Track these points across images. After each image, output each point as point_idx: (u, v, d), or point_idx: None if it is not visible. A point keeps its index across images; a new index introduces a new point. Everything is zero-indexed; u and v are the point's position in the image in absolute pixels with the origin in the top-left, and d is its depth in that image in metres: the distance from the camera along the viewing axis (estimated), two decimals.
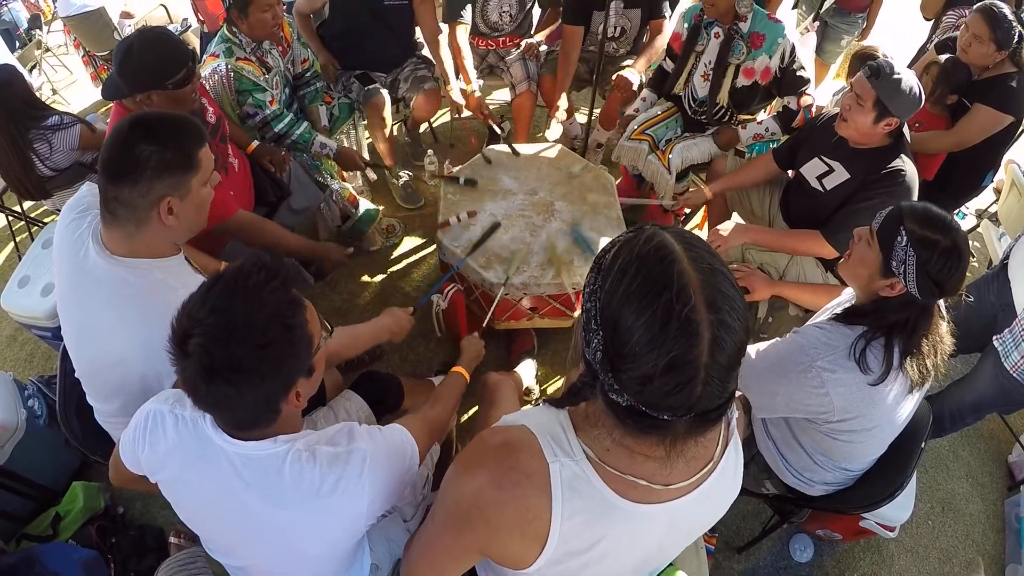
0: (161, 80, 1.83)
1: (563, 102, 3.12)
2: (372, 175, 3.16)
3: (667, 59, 2.91)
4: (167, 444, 1.16)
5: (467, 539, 1.00)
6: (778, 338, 1.64)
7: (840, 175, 2.15)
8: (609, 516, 0.92)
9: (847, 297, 1.75)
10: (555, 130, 3.87)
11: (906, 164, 2.01)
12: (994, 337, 2.15)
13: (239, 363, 1.00)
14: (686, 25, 2.72)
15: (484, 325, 2.14)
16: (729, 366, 0.79)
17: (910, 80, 1.91)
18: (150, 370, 1.38)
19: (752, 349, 1.67)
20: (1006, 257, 2.34)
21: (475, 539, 0.99)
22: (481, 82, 3.34)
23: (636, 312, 0.77)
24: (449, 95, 3.13)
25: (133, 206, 1.34)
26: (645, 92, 3.01)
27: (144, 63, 1.82)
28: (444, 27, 3.13)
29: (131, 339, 1.37)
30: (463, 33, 3.15)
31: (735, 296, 0.79)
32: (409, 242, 3.29)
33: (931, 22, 3.44)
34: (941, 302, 1.50)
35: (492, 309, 2.20)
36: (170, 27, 4.23)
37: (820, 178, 2.22)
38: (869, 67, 1.93)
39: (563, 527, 0.92)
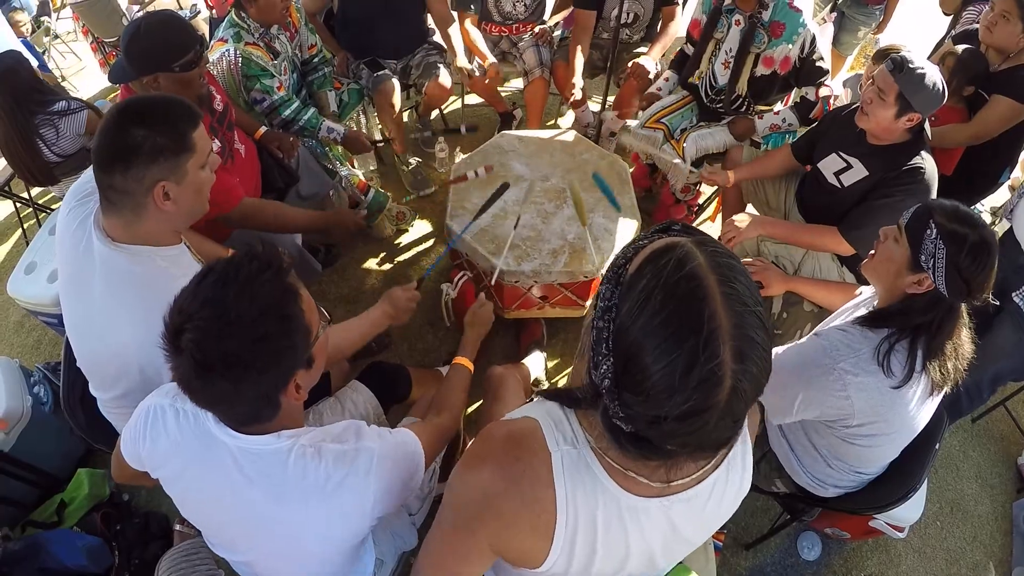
0: (168, 62, 1.79)
1: (578, 80, 3.03)
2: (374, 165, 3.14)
3: (687, 43, 2.86)
4: (168, 439, 1.14)
5: (477, 537, 0.98)
6: (797, 340, 1.62)
7: (858, 172, 2.11)
8: (611, 508, 0.91)
9: (864, 298, 1.72)
10: (568, 117, 3.83)
11: (926, 161, 1.97)
12: (1014, 294, 2.11)
13: (234, 358, 0.97)
14: (704, 12, 2.67)
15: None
16: (745, 407, 0.76)
17: (934, 75, 1.86)
18: (148, 362, 1.35)
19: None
20: (1009, 213, 2.30)
21: (486, 535, 0.97)
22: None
23: (656, 353, 0.72)
24: (456, 64, 3.10)
25: (128, 193, 1.31)
26: (668, 73, 2.95)
27: (151, 44, 1.78)
28: (455, 13, 3.10)
29: (130, 329, 1.34)
30: (472, 22, 3.12)
31: (764, 341, 0.74)
32: (419, 228, 3.26)
33: (950, 17, 3.37)
34: (964, 307, 1.48)
35: (493, 279, 2.15)
36: (179, 13, 4.21)
37: (838, 174, 2.17)
38: (892, 60, 1.88)
39: (568, 520, 0.90)
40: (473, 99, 3.86)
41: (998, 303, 2.17)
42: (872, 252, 1.57)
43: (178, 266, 1.40)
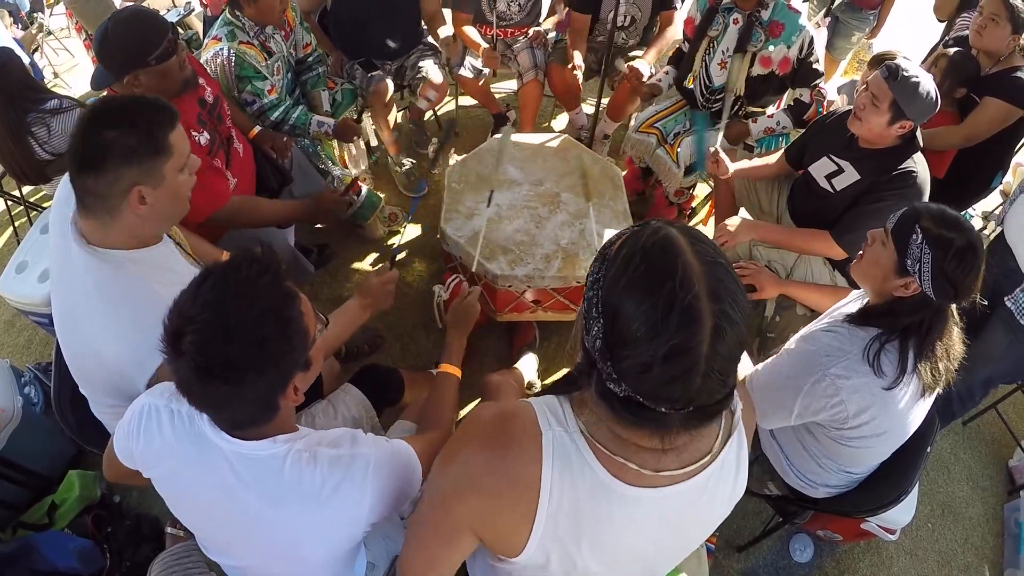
0: (143, 57, 1.76)
1: (579, 59, 3.02)
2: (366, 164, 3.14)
3: (684, 42, 2.85)
4: (162, 440, 1.13)
5: (457, 515, 0.98)
6: (785, 350, 1.62)
7: (850, 176, 2.11)
8: (599, 495, 0.90)
9: (852, 299, 1.73)
10: (561, 120, 3.83)
11: (918, 165, 1.97)
12: (1005, 298, 2.13)
13: (235, 361, 0.97)
14: (699, 9, 2.66)
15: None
16: (730, 358, 0.79)
17: (928, 84, 1.86)
18: (127, 363, 1.33)
19: (761, 365, 1.65)
20: (1000, 223, 2.30)
21: (466, 514, 0.97)
22: (487, 71, 3.31)
23: (638, 300, 0.78)
24: (440, 39, 3.12)
25: (102, 196, 1.28)
26: (668, 67, 2.93)
27: (123, 45, 1.76)
28: (447, 12, 3.11)
29: (104, 331, 1.33)
30: (467, 23, 3.12)
31: (737, 291, 0.80)
32: (412, 230, 3.25)
33: (944, 23, 3.39)
34: (954, 307, 1.48)
35: (471, 267, 2.16)
36: (172, 11, 4.20)
37: (829, 178, 2.17)
38: (887, 67, 1.88)
39: (551, 502, 0.90)
40: (467, 100, 3.86)
41: (986, 304, 2.19)
42: (860, 253, 1.57)
43: (148, 269, 1.37)
